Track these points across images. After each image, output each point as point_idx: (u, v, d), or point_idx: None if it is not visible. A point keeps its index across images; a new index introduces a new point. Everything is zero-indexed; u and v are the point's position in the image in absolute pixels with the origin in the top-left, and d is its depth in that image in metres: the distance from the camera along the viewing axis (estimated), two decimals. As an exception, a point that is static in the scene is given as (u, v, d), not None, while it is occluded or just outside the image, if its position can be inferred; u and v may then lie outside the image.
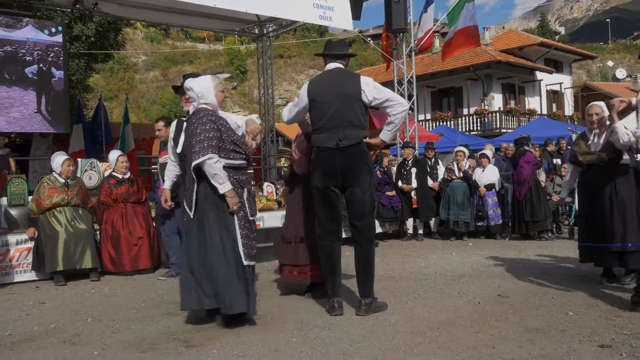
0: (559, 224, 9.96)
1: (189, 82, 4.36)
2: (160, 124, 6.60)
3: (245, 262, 4.10)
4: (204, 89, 4.29)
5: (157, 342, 3.83)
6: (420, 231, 9.60)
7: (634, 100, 5.00)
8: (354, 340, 3.73)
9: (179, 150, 4.92)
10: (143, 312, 4.75)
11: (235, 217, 4.13)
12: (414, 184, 9.53)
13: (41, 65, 11.02)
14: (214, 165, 4.01)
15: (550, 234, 9.12)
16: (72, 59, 16.31)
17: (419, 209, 9.46)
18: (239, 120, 4.60)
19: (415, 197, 9.50)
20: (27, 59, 10.86)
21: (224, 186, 4.05)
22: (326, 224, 4.57)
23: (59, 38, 11.25)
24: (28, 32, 10.90)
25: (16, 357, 3.63)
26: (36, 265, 6.41)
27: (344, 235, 5.00)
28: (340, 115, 4.40)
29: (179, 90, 4.74)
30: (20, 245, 6.46)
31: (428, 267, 6.69)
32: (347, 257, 5.05)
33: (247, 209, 4.22)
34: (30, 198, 6.77)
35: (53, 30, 11.23)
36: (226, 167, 4.12)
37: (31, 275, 6.49)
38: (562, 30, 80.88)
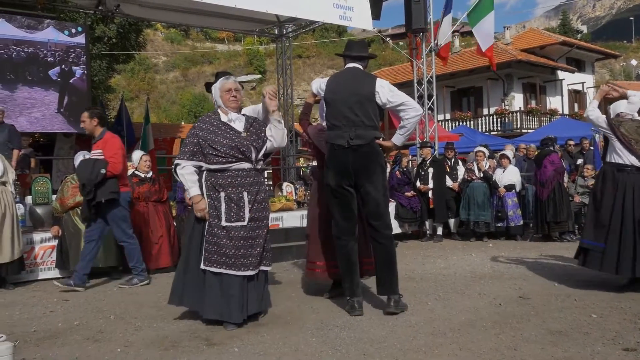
0: (581, 225, 9.83)
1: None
2: (85, 114, 6.05)
3: (202, 266, 4.15)
4: (214, 93, 4.45)
5: (178, 340, 3.87)
6: (440, 232, 9.55)
7: (629, 93, 5.02)
8: (374, 341, 3.73)
9: None
10: (164, 310, 4.79)
11: (208, 221, 4.20)
12: (431, 184, 9.48)
13: (62, 66, 11.15)
14: (179, 172, 4.26)
15: (572, 236, 9.02)
16: (94, 60, 16.52)
17: (435, 210, 9.40)
18: (256, 106, 4.66)
19: (432, 198, 9.45)
20: (49, 59, 10.99)
21: (189, 192, 4.25)
22: (341, 222, 4.58)
23: (79, 39, 11.36)
24: (49, 33, 11.02)
25: (41, 354, 3.69)
26: (60, 263, 6.52)
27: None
28: (353, 115, 4.45)
29: (209, 88, 4.80)
30: (44, 243, 6.58)
31: (448, 268, 6.65)
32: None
33: (223, 213, 4.16)
34: (54, 197, 6.87)
35: (73, 31, 11.35)
36: (207, 171, 4.24)
37: (55, 273, 6.59)
38: (584, 29, 79.87)
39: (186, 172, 4.22)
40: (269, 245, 4.43)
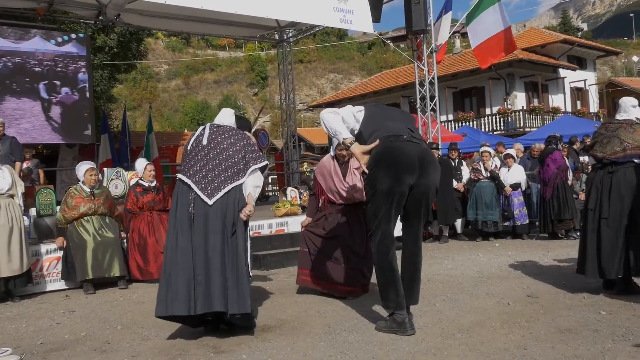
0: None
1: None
2: None
3: None
4: None
5: (186, 349, 3.84)
6: (446, 233, 9.50)
7: None
8: (382, 344, 3.70)
9: None
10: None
11: None
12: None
13: (50, 75, 11.03)
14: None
15: (577, 233, 8.95)
16: (96, 70, 16.58)
17: (437, 212, 9.32)
18: None
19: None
20: (36, 69, 10.88)
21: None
22: (386, 228, 3.97)
23: (67, 47, 11.27)
24: (36, 43, 10.91)
25: (49, 365, 3.67)
26: (65, 274, 6.50)
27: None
28: (405, 118, 4.34)
29: None
30: (49, 254, 6.57)
31: (455, 269, 6.62)
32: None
33: None
34: (58, 208, 6.87)
35: (59, 40, 11.22)
36: None
37: (61, 284, 6.58)
38: (584, 26, 79.90)
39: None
40: None
